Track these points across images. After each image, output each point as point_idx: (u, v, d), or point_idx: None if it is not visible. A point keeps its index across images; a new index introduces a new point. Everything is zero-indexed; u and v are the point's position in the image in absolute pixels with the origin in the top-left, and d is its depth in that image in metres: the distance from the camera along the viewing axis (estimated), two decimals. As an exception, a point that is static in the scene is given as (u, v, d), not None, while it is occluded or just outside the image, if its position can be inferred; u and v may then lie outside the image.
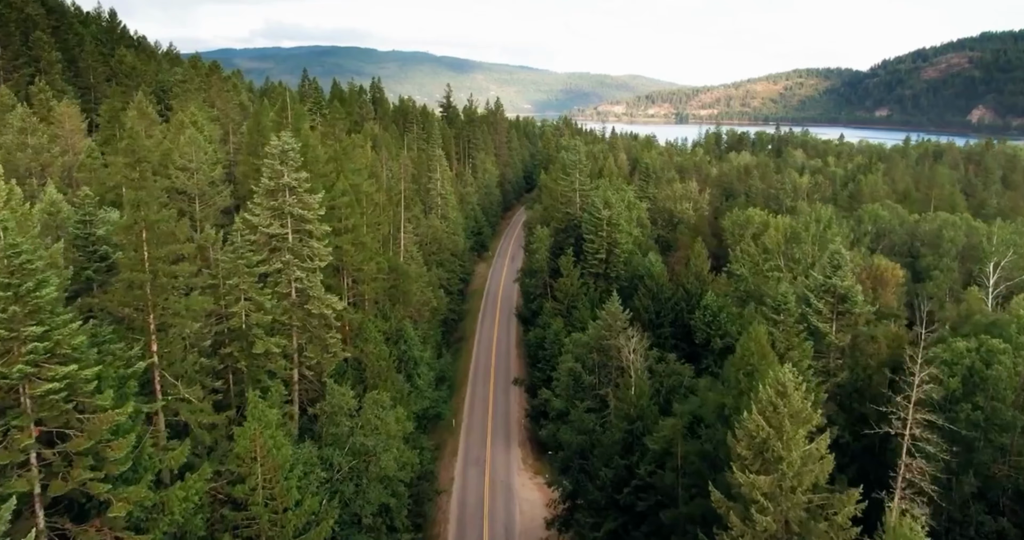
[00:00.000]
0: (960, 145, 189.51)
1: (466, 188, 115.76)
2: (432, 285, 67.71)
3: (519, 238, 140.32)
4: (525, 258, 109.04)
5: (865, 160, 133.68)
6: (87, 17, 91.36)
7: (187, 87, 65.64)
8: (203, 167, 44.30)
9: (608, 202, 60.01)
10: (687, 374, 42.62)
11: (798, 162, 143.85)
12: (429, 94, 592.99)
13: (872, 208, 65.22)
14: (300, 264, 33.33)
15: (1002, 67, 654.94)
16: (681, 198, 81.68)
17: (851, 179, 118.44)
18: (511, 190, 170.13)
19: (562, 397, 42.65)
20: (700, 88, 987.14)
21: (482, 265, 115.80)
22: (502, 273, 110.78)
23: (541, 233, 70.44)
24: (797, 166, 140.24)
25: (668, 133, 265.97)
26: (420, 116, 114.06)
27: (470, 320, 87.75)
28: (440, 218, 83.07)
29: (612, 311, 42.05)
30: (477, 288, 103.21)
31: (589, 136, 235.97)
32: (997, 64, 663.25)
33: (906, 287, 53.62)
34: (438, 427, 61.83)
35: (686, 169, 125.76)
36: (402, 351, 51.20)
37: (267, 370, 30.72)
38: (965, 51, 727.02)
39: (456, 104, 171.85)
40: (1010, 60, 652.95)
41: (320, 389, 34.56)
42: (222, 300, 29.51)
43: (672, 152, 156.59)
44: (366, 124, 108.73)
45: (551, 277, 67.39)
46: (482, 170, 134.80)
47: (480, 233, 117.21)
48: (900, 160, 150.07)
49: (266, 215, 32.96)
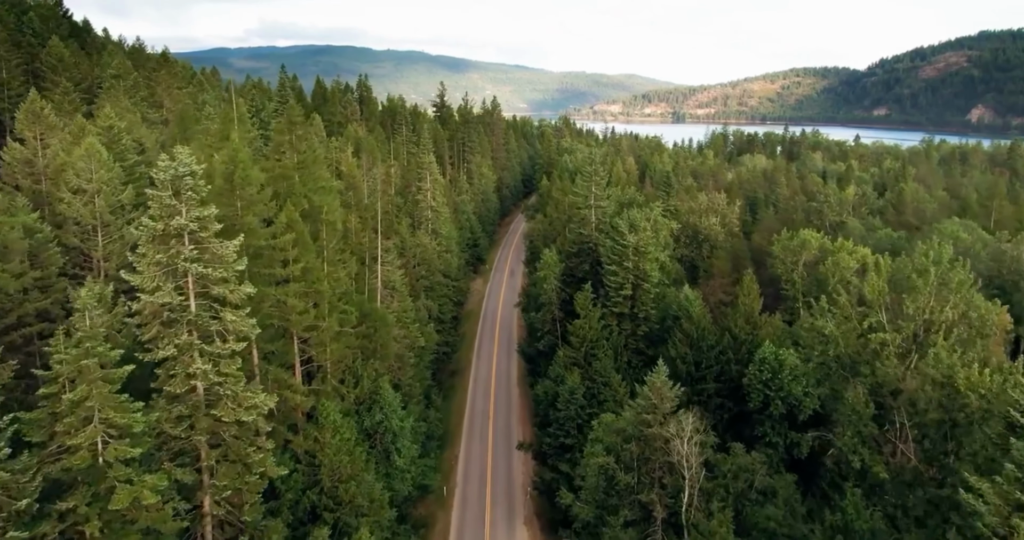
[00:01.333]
0: (983, 146, 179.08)
1: (461, 196, 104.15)
2: (420, 319, 56.28)
3: (519, 248, 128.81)
4: (526, 279, 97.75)
5: (895, 164, 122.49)
6: (26, 4, 79.27)
7: (118, 83, 53.64)
8: (103, 188, 32.66)
9: (634, 224, 48.61)
10: (759, 470, 31.30)
11: (818, 166, 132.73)
12: (424, 94, 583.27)
13: (951, 228, 53.66)
14: (205, 348, 21.81)
15: (1001, 66, 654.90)
16: (707, 211, 70.19)
17: (883, 187, 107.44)
18: (509, 195, 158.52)
19: (589, 503, 31.26)
20: (697, 87, 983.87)
21: (478, 281, 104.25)
22: (500, 290, 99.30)
23: (548, 257, 58.72)
24: (818, 170, 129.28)
25: (666, 133, 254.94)
26: (410, 117, 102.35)
27: (465, 349, 76.03)
28: (431, 234, 71.47)
29: (657, 387, 30.67)
30: (473, 309, 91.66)
31: (589, 137, 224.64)
32: (996, 63, 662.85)
33: (1014, 334, 42.52)
34: (426, 499, 50.36)
35: (701, 175, 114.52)
36: (378, 422, 39.87)
37: (142, 529, 19.14)
38: (964, 50, 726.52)
39: (451, 104, 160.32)
40: (1009, 59, 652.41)
41: (240, 529, 22.98)
42: (60, 423, 17.97)
43: (681, 155, 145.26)
44: (349, 126, 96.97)
45: (562, 312, 55.86)
46: (478, 175, 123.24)
47: (476, 245, 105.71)
48: (924, 163, 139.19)
49: (152, 273, 21.42)
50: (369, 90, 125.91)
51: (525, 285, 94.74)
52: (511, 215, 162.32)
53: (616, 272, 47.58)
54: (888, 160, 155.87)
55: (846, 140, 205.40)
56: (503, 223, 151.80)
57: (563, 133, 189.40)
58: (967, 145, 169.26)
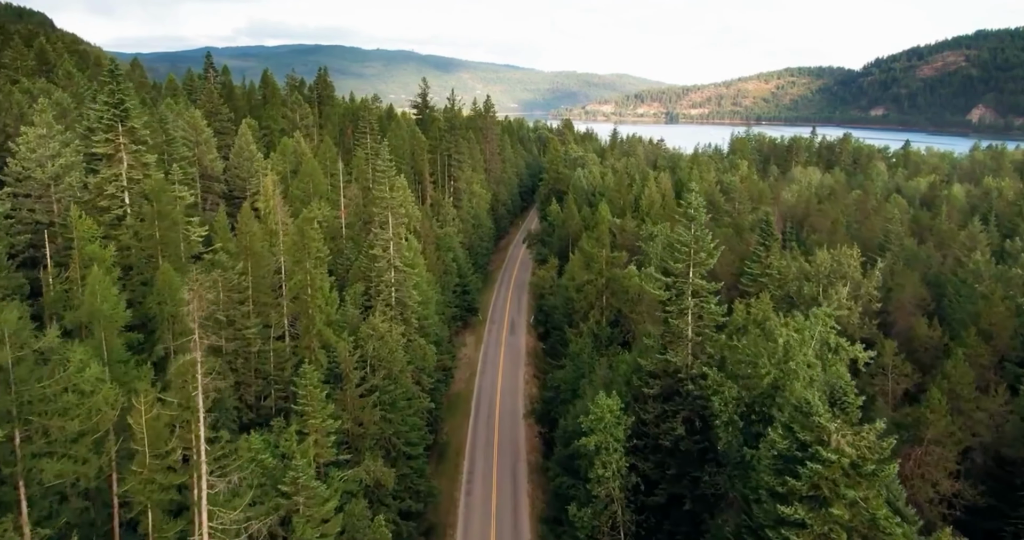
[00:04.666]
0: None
1: (444, 228, 78.82)
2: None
3: (519, 284, 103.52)
4: (532, 337, 72.07)
5: (995, 179, 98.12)
6: None
7: None
8: None
9: (838, 394, 22.13)
10: None
11: (889, 180, 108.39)
12: (413, 94, 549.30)
13: None
14: None
15: (1000, 66, 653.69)
16: (832, 278, 43.57)
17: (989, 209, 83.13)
18: (506, 213, 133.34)
19: None
20: (690, 87, 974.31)
21: (469, 341, 78.83)
22: (499, 357, 73.98)
23: (602, 407, 31.09)
24: (890, 186, 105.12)
25: (660, 133, 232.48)
26: (375, 123, 76.39)
27: (446, 481, 49.53)
28: (396, 309, 46.12)
29: None
30: (462, 390, 66.40)
31: (591, 141, 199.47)
32: (995, 62, 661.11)
33: None
34: None
35: (755, 196, 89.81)
36: None
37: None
38: (961, 49, 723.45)
39: (437, 104, 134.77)
40: (1008, 58, 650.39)
41: None
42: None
43: (711, 166, 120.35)
44: (294, 135, 71.38)
45: (633, 509, 30.12)
46: (468, 194, 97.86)
47: (466, 291, 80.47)
48: (984, 175, 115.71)
49: None
50: (330, 88, 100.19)
51: (534, 373, 69.65)
52: (508, 236, 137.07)
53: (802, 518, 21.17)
54: (946, 169, 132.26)
55: (883, 144, 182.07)
56: (498, 247, 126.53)
57: (565, 138, 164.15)
58: (1015, 151, 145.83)
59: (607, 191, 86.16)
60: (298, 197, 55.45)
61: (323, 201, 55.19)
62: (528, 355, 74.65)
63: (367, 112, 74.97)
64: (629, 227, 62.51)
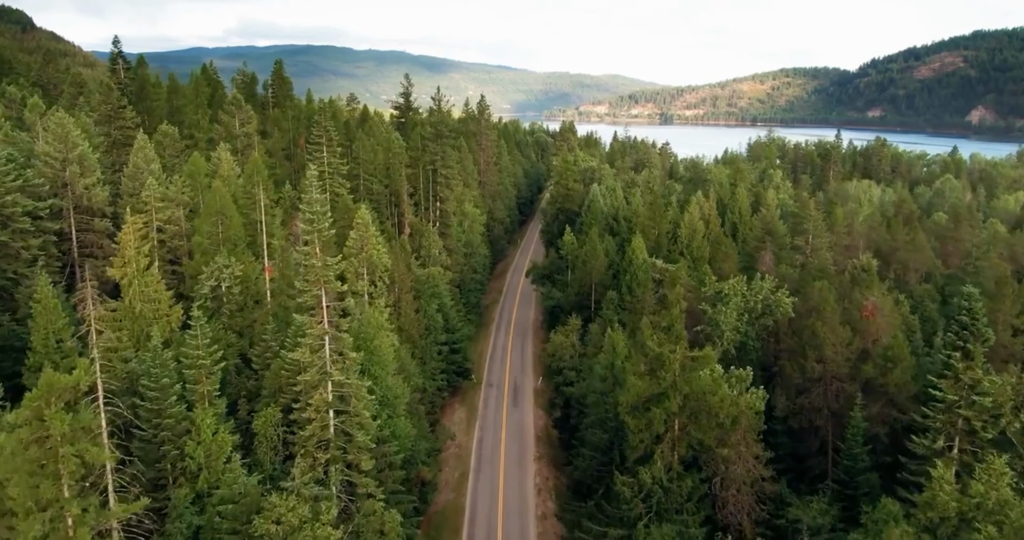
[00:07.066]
0: None
1: (427, 269, 59.66)
2: None
3: (520, 325, 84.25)
4: (542, 413, 52.13)
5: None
6: None
7: None
8: None
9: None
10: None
11: (961, 196, 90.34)
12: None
13: None
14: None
15: (999, 66, 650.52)
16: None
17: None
18: (503, 233, 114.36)
19: None
20: (685, 88, 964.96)
21: (459, 418, 59.56)
22: (499, 447, 54.60)
23: None
24: (971, 205, 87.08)
25: (656, 135, 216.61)
26: (333, 132, 56.83)
27: None
28: (334, 448, 27.33)
29: None
30: (449, 505, 47.25)
31: (594, 146, 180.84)
32: (994, 63, 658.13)
33: None
34: None
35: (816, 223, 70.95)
36: None
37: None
38: (959, 50, 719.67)
39: (425, 105, 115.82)
40: (1007, 59, 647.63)
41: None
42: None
43: (744, 177, 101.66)
44: (216, 150, 52.08)
45: None
46: (459, 215, 78.79)
47: (455, 350, 61.39)
48: None
49: None
50: (288, 85, 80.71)
51: (547, 475, 50.39)
52: (505, 259, 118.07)
53: None
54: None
55: (920, 149, 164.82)
56: (495, 272, 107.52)
57: (570, 142, 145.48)
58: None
59: (634, 217, 67.13)
60: (201, 247, 36.42)
61: (237, 252, 36.14)
62: (538, 443, 55.63)
63: (323, 116, 55.31)
64: (683, 279, 43.09)
